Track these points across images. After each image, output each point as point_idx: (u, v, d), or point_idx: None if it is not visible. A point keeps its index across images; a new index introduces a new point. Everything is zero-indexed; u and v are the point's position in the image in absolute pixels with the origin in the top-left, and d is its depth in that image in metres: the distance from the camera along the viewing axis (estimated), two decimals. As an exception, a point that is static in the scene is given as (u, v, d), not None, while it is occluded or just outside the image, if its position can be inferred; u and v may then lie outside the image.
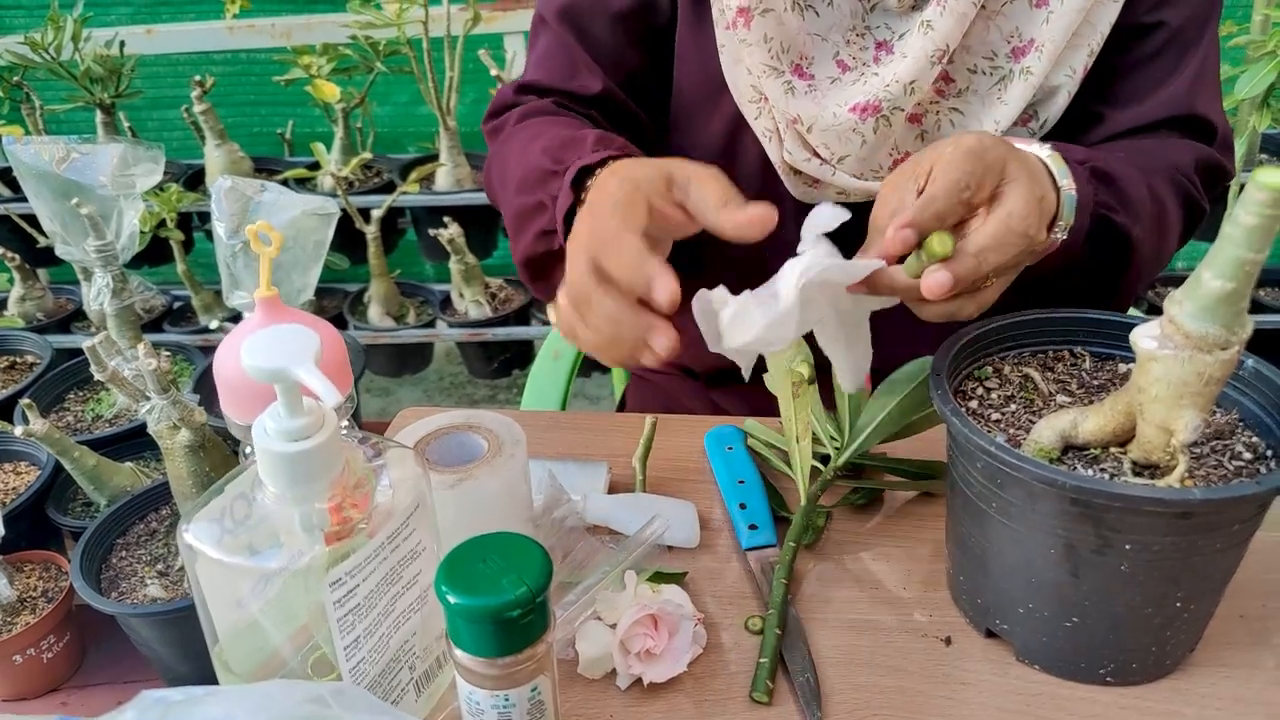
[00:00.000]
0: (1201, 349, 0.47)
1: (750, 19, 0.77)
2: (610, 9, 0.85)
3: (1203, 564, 0.52)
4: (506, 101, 0.90)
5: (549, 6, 0.88)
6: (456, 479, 0.57)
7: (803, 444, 0.68)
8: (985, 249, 0.56)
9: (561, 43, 0.87)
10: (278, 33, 2.11)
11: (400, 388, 2.66)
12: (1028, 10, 0.76)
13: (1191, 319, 0.47)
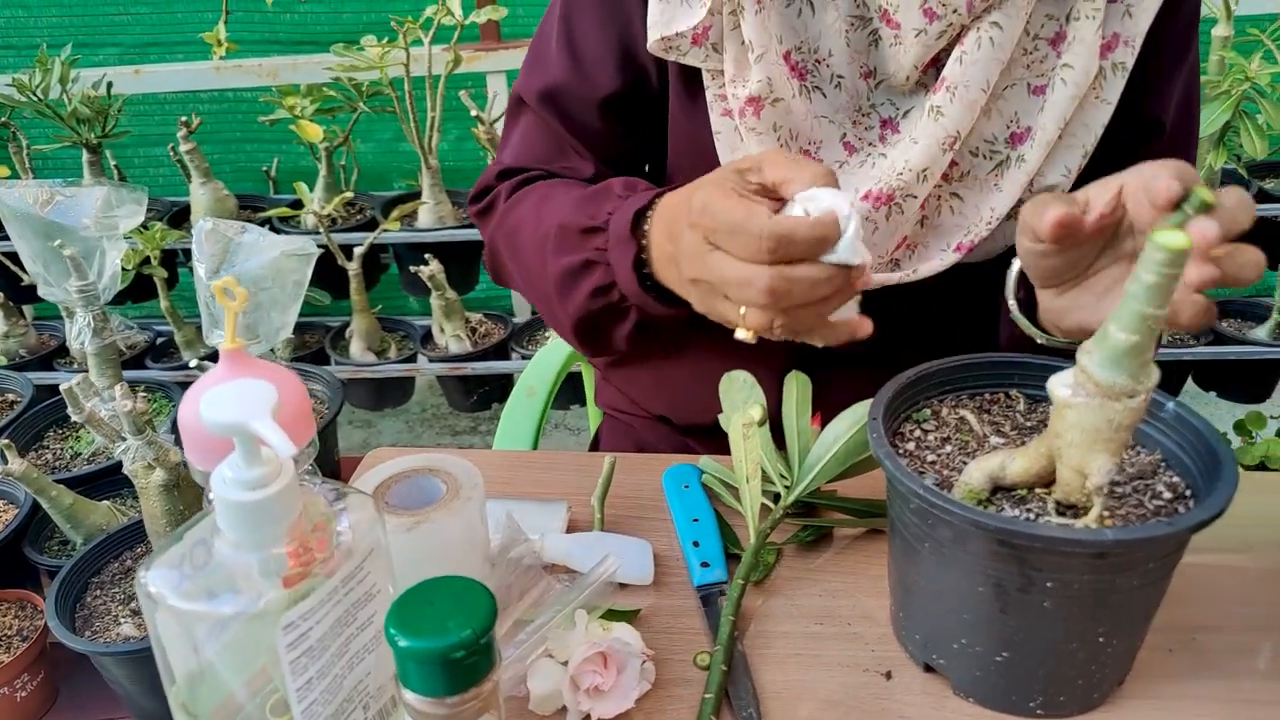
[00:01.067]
0: (1110, 397, 0.50)
1: (760, 108, 0.77)
2: (596, 95, 0.85)
3: (1122, 601, 0.54)
4: (489, 184, 0.91)
5: (528, 89, 0.87)
6: (414, 522, 0.59)
7: (752, 484, 0.71)
8: (1237, 208, 0.56)
9: (545, 126, 0.87)
10: (264, 72, 2.15)
11: (382, 420, 2.68)
12: (1026, 97, 0.78)
13: (1100, 369, 0.50)
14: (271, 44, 2.37)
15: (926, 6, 0.72)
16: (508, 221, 0.86)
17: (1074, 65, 0.76)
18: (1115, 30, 0.77)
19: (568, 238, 0.76)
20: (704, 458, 0.81)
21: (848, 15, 0.76)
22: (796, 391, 0.74)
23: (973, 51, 0.74)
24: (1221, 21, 1.92)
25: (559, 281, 0.78)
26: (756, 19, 0.75)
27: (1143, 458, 0.61)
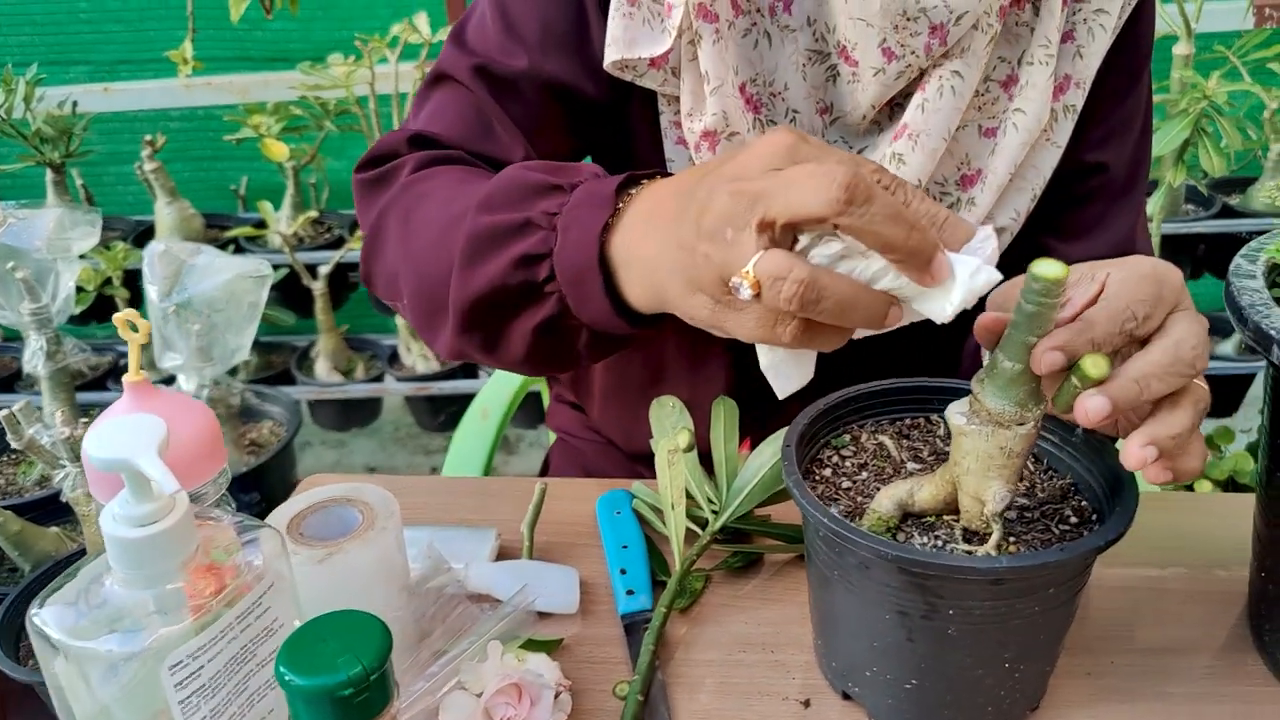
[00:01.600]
0: (1002, 424, 0.51)
1: (716, 142, 0.75)
2: (543, 74, 0.77)
3: (1024, 626, 0.54)
4: (396, 149, 0.78)
5: (457, 63, 0.78)
6: (326, 554, 0.59)
7: (677, 510, 0.71)
8: (1149, 376, 0.50)
9: (471, 101, 0.78)
10: (235, 90, 2.15)
11: (355, 440, 2.67)
12: (977, 138, 0.78)
13: (991, 397, 0.51)
14: (243, 61, 2.37)
15: (885, 46, 0.71)
16: (413, 190, 0.73)
17: (1026, 110, 0.76)
18: (1066, 72, 0.77)
19: (508, 195, 0.64)
20: (636, 483, 0.81)
21: (806, 49, 0.75)
22: (724, 417, 0.75)
23: (934, 100, 0.73)
24: (1182, 39, 1.94)
25: (472, 244, 0.64)
26: (714, 49, 0.72)
27: (1054, 482, 0.62)
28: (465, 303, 0.65)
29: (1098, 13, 0.76)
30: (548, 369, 0.71)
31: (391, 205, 0.74)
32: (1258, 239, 0.63)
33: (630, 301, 0.60)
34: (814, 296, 0.47)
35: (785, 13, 0.74)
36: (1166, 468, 0.52)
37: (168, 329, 1.25)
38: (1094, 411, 0.49)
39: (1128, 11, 0.78)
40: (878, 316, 0.50)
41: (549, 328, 0.65)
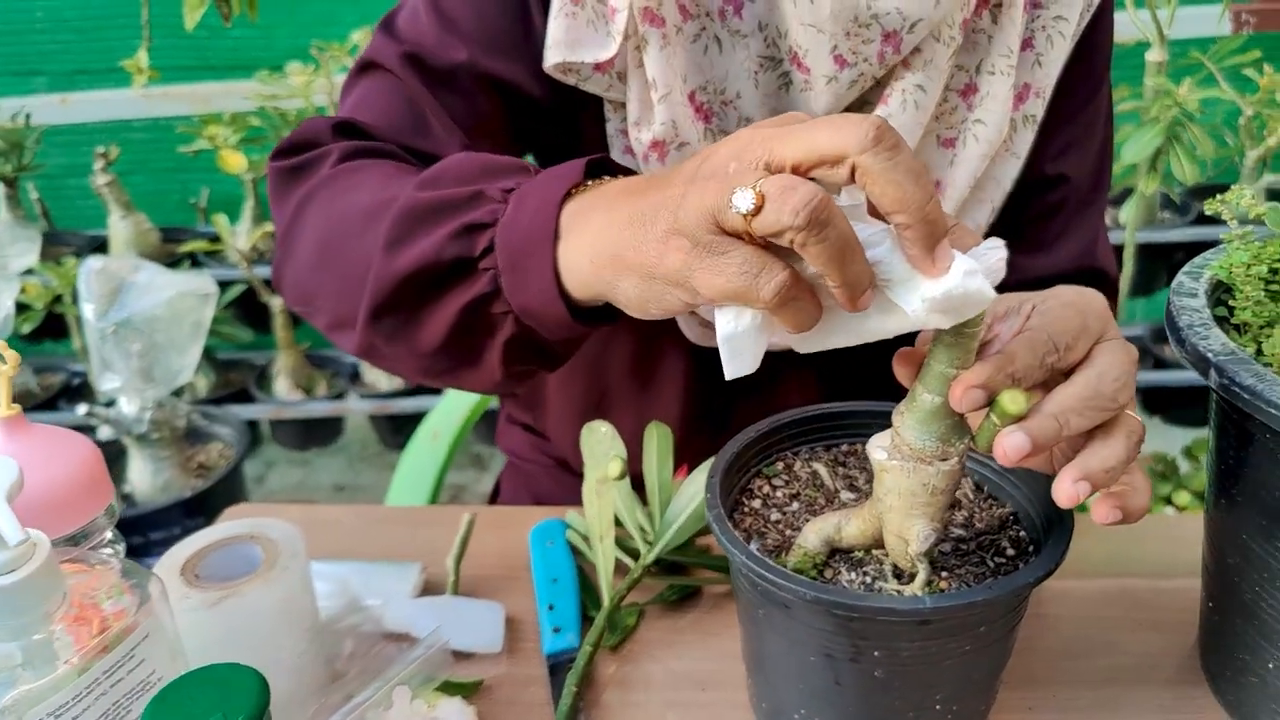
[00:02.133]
0: (923, 460, 0.48)
1: (665, 153, 0.72)
2: (480, 69, 0.72)
3: (956, 666, 0.51)
4: (319, 138, 0.72)
5: (386, 51, 0.73)
6: (219, 597, 0.56)
7: (605, 542, 0.68)
8: (1068, 410, 0.47)
9: (403, 92, 0.72)
10: (195, 99, 2.11)
11: (320, 458, 2.62)
12: (936, 148, 0.75)
13: (911, 431, 0.48)
14: (204, 70, 2.33)
15: (837, 53, 0.68)
16: (337, 182, 0.67)
17: (987, 121, 0.74)
18: (1026, 81, 0.75)
19: (458, 172, 0.60)
20: (570, 512, 0.78)
21: (758, 55, 0.72)
22: (657, 443, 0.71)
23: (898, 114, 0.71)
24: (1155, 46, 1.92)
25: (405, 220, 0.59)
26: (661, 54, 0.69)
27: (993, 512, 0.59)
28: (388, 282, 0.59)
29: (1057, 20, 0.74)
30: (457, 372, 0.64)
31: (312, 196, 0.68)
32: (1202, 255, 0.61)
33: (566, 281, 0.54)
34: (824, 216, 0.41)
35: (736, 17, 0.71)
36: (1115, 507, 0.49)
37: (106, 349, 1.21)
38: (1013, 450, 0.46)
39: (1087, 18, 0.76)
40: (863, 280, 0.44)
41: (472, 313, 0.59)
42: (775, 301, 0.43)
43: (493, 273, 0.57)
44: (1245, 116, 2.08)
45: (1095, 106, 0.82)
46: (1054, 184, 0.82)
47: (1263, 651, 0.54)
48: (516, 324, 0.58)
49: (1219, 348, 0.50)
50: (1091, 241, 0.85)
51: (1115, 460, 0.47)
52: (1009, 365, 0.46)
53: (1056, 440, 0.46)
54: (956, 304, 0.43)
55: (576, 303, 0.55)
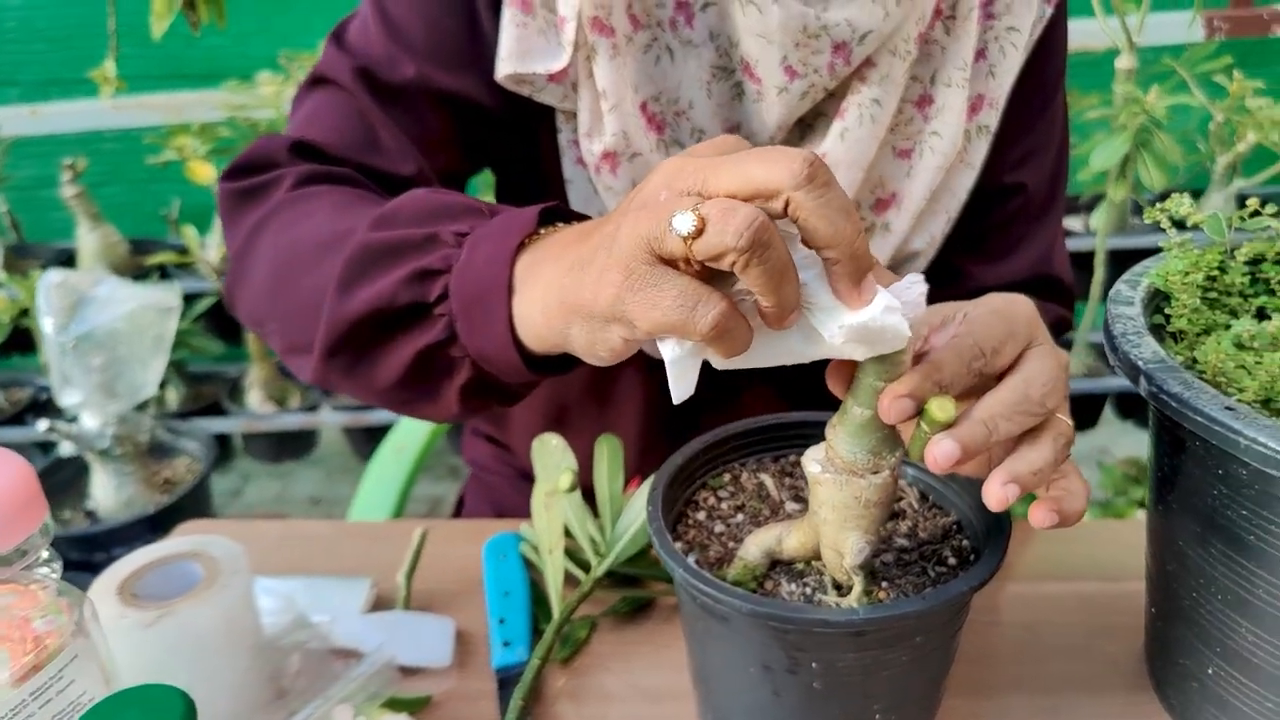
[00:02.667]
0: (855, 473, 0.48)
1: (617, 164, 0.71)
2: (433, 85, 0.71)
3: (894, 677, 0.51)
4: (274, 158, 0.71)
5: (337, 65, 0.72)
6: (155, 616, 0.55)
7: (554, 555, 0.67)
8: (996, 416, 0.47)
9: (355, 107, 0.71)
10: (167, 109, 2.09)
11: (299, 469, 2.61)
12: (891, 160, 0.75)
13: (843, 444, 0.48)
14: (177, 79, 2.31)
15: (787, 64, 0.68)
16: (293, 209, 0.66)
17: (943, 134, 0.74)
18: (980, 91, 0.75)
19: (412, 213, 0.59)
20: (524, 525, 0.77)
21: (711, 66, 0.71)
22: (607, 456, 0.71)
23: (855, 128, 0.71)
24: (1124, 53, 1.94)
25: (359, 261, 0.58)
26: (611, 64, 0.68)
27: (937, 521, 0.59)
28: (342, 323, 0.59)
29: (1009, 30, 0.74)
30: (412, 407, 0.64)
31: (267, 222, 0.67)
32: (1141, 263, 0.61)
33: (521, 333, 0.54)
34: (766, 237, 0.41)
35: (687, 27, 0.70)
36: (1052, 510, 0.49)
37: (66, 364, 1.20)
38: (943, 457, 0.45)
39: (1039, 29, 0.76)
40: (793, 301, 0.44)
41: (428, 357, 0.58)
42: (713, 334, 0.43)
43: (448, 319, 0.57)
44: (1216, 123, 2.09)
45: (1051, 116, 0.82)
46: (1011, 193, 0.82)
47: (1202, 656, 0.55)
48: (473, 367, 0.58)
49: (1149, 356, 0.50)
50: (1048, 250, 0.85)
51: (1043, 462, 0.47)
52: (935, 374, 0.46)
53: (986, 446, 0.46)
54: (872, 337, 0.43)
55: (533, 352, 0.55)
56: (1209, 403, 0.46)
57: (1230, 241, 0.60)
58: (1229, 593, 0.51)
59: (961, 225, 0.81)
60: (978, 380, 0.48)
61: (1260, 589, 0.49)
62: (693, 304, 0.43)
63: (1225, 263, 0.60)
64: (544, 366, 0.57)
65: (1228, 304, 0.59)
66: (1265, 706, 0.52)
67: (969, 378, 0.47)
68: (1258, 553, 0.48)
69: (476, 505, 1.06)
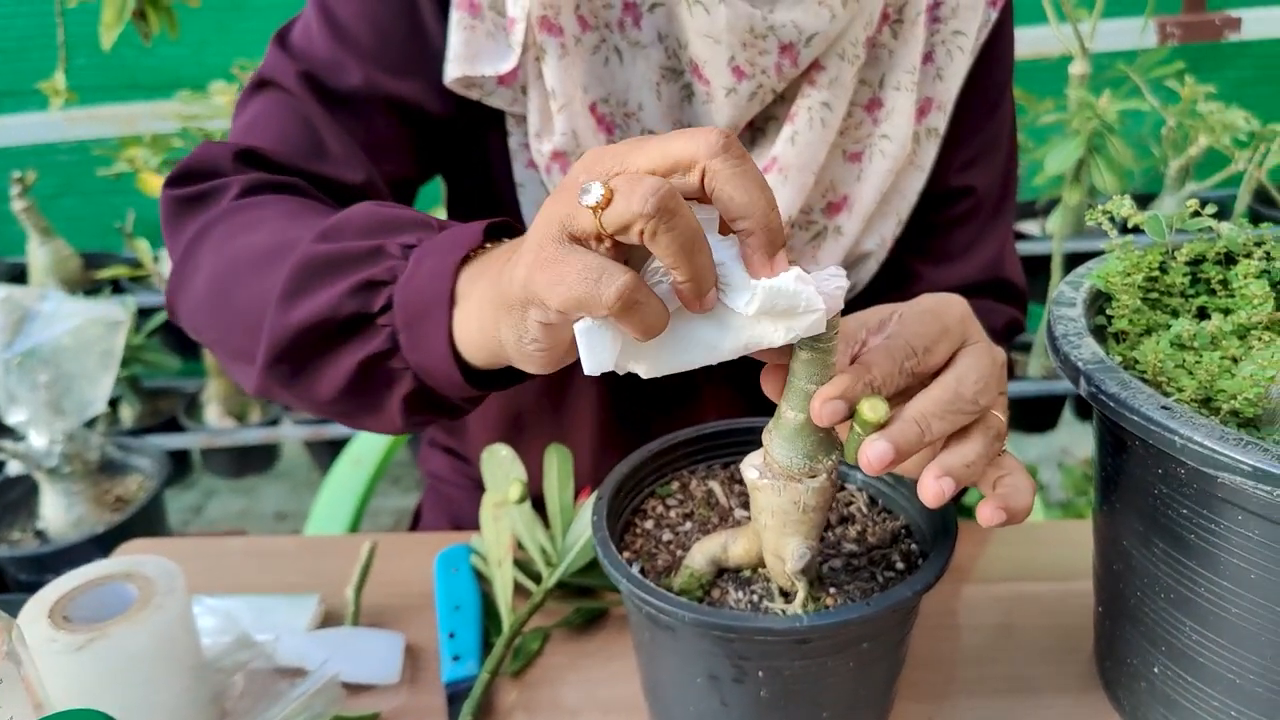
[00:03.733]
0: (792, 478, 0.48)
1: (567, 164, 0.71)
2: (380, 90, 0.70)
3: (841, 684, 0.51)
4: (218, 166, 0.69)
5: (282, 69, 0.71)
6: (86, 640, 0.54)
7: (503, 567, 0.67)
8: (928, 414, 0.46)
9: (300, 112, 0.70)
10: (119, 121, 2.06)
11: (264, 485, 2.57)
12: (842, 164, 0.76)
13: (779, 450, 0.47)
14: (132, 89, 2.28)
15: (735, 64, 0.68)
16: (237, 218, 0.65)
17: (892, 137, 0.74)
18: (928, 94, 0.76)
19: (359, 225, 0.58)
20: (475, 537, 0.76)
21: (660, 67, 0.71)
22: (557, 465, 0.70)
23: (805, 132, 0.71)
24: (1078, 59, 1.96)
25: (303, 272, 0.58)
26: (559, 64, 0.68)
27: (886, 525, 0.59)
28: (285, 333, 0.58)
29: (955, 34, 0.75)
30: (355, 419, 0.62)
31: (209, 230, 0.66)
32: (1084, 265, 0.61)
33: (461, 347, 0.53)
34: (673, 205, 0.41)
35: (635, 28, 0.70)
36: (999, 508, 0.49)
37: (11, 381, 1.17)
38: (876, 458, 0.45)
39: (985, 33, 0.77)
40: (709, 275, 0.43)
41: (370, 368, 0.58)
42: (618, 306, 0.42)
43: (390, 330, 0.56)
44: (1168, 127, 2.12)
45: (999, 120, 0.83)
46: (960, 196, 0.82)
47: (1149, 656, 0.55)
48: (415, 379, 0.57)
49: (1089, 357, 0.50)
50: (1000, 252, 0.85)
51: (975, 455, 0.47)
52: (866, 374, 0.46)
53: (919, 445, 0.46)
54: (785, 305, 0.42)
55: (475, 367, 0.54)
56: (1146, 403, 0.46)
57: (1171, 242, 0.61)
58: (1173, 592, 0.51)
59: (912, 228, 0.81)
60: (911, 380, 0.47)
61: (1203, 588, 0.49)
62: (597, 276, 0.42)
63: (1166, 263, 0.60)
64: (487, 381, 0.56)
65: (1169, 304, 0.59)
66: (1211, 705, 0.52)
67: (901, 378, 0.47)
68: (1199, 552, 0.49)
69: (434, 517, 1.05)
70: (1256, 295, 0.55)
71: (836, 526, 0.59)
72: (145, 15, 1.71)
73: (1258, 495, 0.43)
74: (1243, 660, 0.49)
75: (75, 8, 1.68)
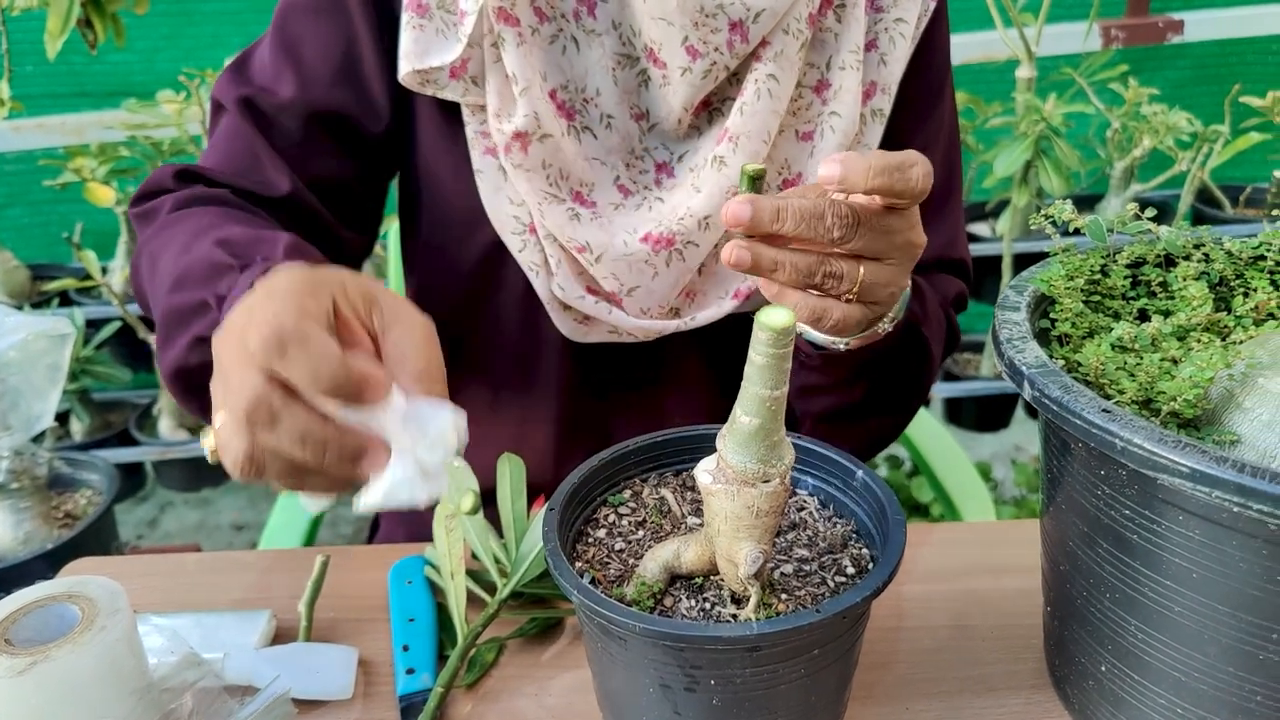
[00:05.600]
0: (746, 483, 0.48)
1: (528, 144, 0.74)
2: (305, 108, 0.76)
3: (793, 691, 0.51)
4: (164, 185, 0.77)
5: (227, 92, 0.77)
6: (29, 662, 0.52)
7: (456, 579, 0.66)
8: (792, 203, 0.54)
9: (241, 132, 0.77)
10: (68, 130, 2.02)
11: (219, 497, 2.53)
12: (795, 143, 0.79)
13: (732, 454, 0.48)
14: (80, 97, 2.24)
15: (688, 44, 0.72)
16: (160, 238, 0.71)
17: (841, 114, 0.77)
18: (872, 78, 0.79)
19: (194, 273, 0.64)
20: (429, 548, 0.76)
21: (614, 53, 0.75)
22: (510, 475, 0.70)
23: (753, 102, 0.74)
24: (1024, 63, 1.99)
25: (166, 320, 0.66)
26: (518, 52, 0.72)
27: (836, 529, 0.59)
28: (166, 377, 0.67)
29: (897, 21, 0.79)
30: None
31: (145, 246, 0.73)
32: (1029, 269, 0.62)
33: None
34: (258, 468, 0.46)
35: (590, 16, 0.74)
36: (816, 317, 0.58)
37: (-49, 398, 1.14)
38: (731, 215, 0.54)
39: (925, 21, 0.80)
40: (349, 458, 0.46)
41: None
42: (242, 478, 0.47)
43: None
44: (1113, 129, 2.15)
45: (939, 112, 0.86)
46: None
47: (1096, 655, 0.56)
48: None
49: (1032, 360, 0.51)
50: (952, 236, 0.88)
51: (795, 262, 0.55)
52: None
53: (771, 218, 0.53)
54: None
55: None
56: (1087, 406, 0.47)
57: (1112, 245, 0.62)
58: (1117, 591, 0.52)
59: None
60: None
61: (1146, 588, 0.50)
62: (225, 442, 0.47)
63: (1107, 266, 0.61)
64: None
65: (1110, 306, 0.60)
66: (1158, 703, 0.53)
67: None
68: (1142, 552, 0.49)
69: (391, 528, 1.04)
70: (1195, 297, 0.56)
71: (788, 532, 0.59)
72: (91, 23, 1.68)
73: (1196, 496, 0.43)
74: (1187, 658, 0.49)
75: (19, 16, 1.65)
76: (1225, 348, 0.52)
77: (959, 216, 0.90)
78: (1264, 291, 0.57)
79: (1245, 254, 0.61)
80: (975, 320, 2.58)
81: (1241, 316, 0.57)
